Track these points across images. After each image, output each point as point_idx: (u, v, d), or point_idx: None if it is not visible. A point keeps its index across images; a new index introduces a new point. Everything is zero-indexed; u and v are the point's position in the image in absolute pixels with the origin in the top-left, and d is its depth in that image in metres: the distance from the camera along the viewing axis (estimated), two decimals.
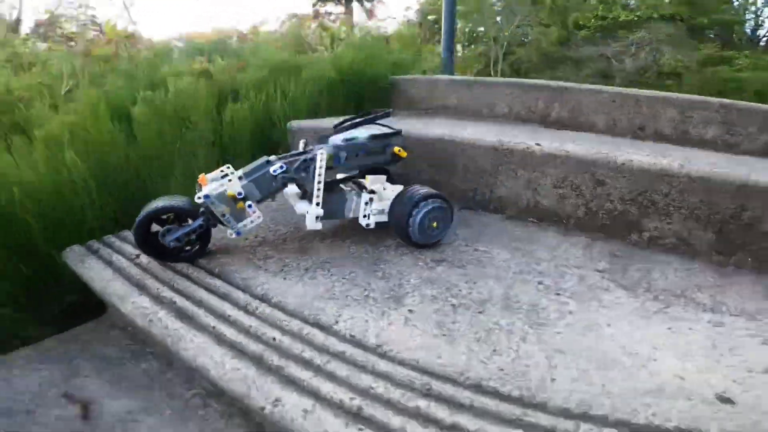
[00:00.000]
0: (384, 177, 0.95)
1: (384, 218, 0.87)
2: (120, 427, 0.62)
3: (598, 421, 0.44)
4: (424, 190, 0.85)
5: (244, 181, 0.78)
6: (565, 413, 0.45)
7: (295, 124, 1.33)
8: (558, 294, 0.70)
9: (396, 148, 0.88)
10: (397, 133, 0.90)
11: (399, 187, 0.92)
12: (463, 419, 0.44)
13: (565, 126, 1.63)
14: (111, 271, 0.72)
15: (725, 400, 0.47)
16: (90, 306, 0.88)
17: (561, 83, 1.59)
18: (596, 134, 1.51)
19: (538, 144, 0.99)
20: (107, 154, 0.93)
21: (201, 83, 1.05)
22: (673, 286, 0.75)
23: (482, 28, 7.49)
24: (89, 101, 1.12)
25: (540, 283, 0.74)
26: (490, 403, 0.46)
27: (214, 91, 1.38)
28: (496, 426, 0.44)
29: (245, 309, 0.66)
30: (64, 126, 0.85)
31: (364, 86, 1.73)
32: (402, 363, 0.54)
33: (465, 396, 0.47)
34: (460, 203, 1.13)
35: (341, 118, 0.98)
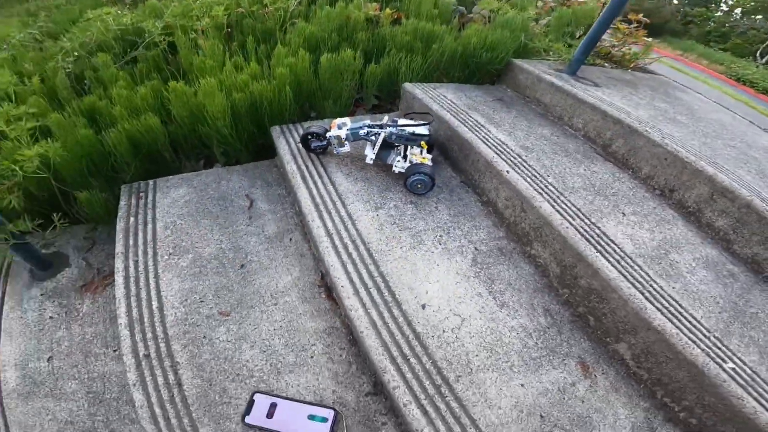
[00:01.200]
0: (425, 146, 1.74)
1: (404, 170, 1.70)
2: (261, 215, 1.67)
3: (384, 287, 1.34)
4: (425, 169, 1.62)
5: (348, 132, 1.67)
6: (381, 275, 1.36)
7: (406, 85, 2.07)
8: (440, 244, 1.51)
9: (422, 142, 1.65)
10: (428, 134, 1.64)
11: (429, 156, 1.71)
12: (349, 266, 1.40)
13: (617, 160, 1.96)
14: (288, 147, 1.77)
15: (423, 306, 1.29)
16: (269, 150, 1.97)
17: (636, 125, 1.82)
18: (629, 179, 1.81)
19: (508, 171, 1.62)
20: (303, 83, 1.90)
21: (358, 55, 1.86)
22: (498, 275, 1.47)
23: None
24: (301, 36, 2.05)
25: (440, 236, 1.54)
26: (368, 259, 1.38)
27: (370, 37, 2.14)
28: (362, 267, 1.38)
29: (324, 184, 1.65)
30: (288, 66, 1.81)
31: (482, 63, 2.23)
32: (358, 231, 1.48)
33: (365, 252, 1.41)
34: (462, 177, 1.85)
35: (440, 85, 1.78)
